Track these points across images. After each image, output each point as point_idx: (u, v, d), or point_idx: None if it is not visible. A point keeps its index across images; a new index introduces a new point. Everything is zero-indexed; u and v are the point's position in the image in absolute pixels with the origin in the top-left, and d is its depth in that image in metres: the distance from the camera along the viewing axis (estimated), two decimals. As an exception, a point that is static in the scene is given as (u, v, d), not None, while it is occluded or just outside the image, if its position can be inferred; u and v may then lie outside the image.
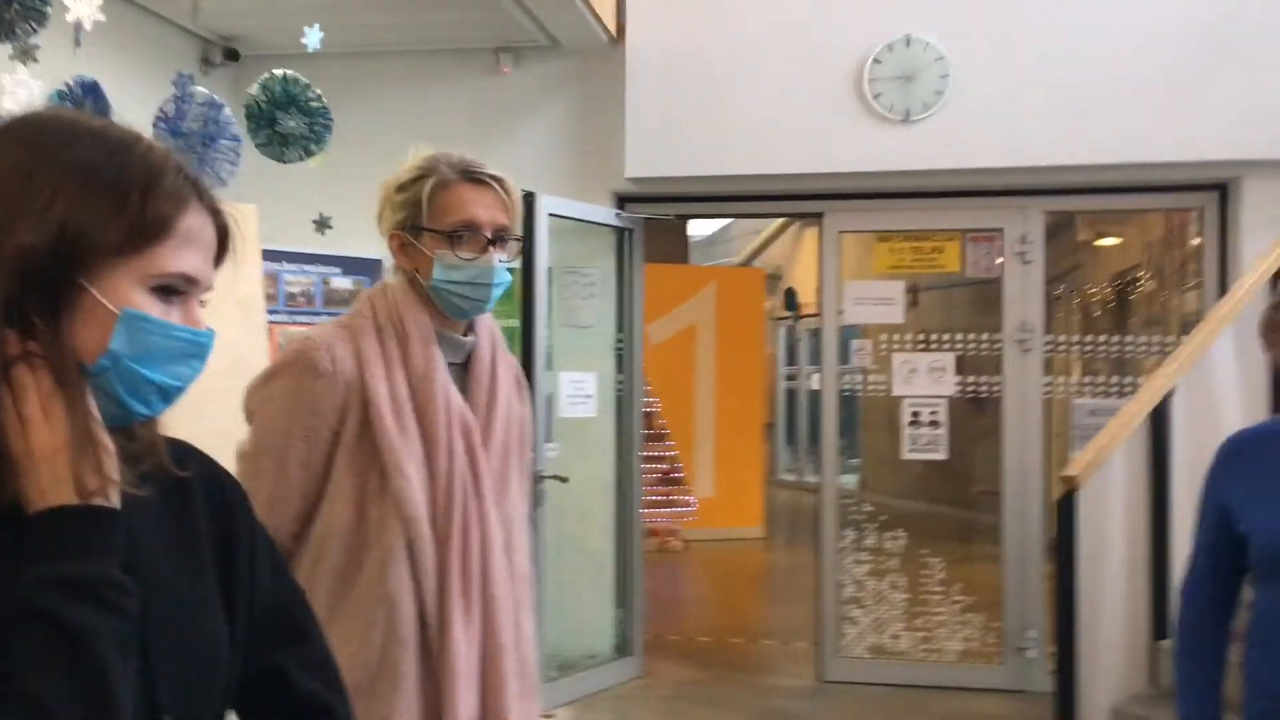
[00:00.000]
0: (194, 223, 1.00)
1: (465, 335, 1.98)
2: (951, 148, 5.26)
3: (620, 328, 5.78)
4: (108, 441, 0.95)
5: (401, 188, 1.93)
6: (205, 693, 1.03)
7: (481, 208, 1.91)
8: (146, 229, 0.96)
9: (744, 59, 5.45)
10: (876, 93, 5.32)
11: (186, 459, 1.09)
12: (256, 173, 4.26)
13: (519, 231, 1.99)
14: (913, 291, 6.38)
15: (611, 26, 5.50)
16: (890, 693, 5.48)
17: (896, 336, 5.76)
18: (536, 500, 4.97)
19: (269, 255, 5.00)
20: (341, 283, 5.43)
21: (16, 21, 3.64)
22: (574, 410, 5.44)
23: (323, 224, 4.27)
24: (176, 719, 0.98)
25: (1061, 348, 5.98)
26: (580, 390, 5.48)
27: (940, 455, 5.67)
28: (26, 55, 3.59)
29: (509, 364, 2.04)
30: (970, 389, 5.72)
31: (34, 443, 0.92)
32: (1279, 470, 2.11)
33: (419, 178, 1.91)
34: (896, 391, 5.70)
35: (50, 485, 0.92)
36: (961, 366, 5.67)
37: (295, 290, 5.31)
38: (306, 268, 5.32)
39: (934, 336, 5.72)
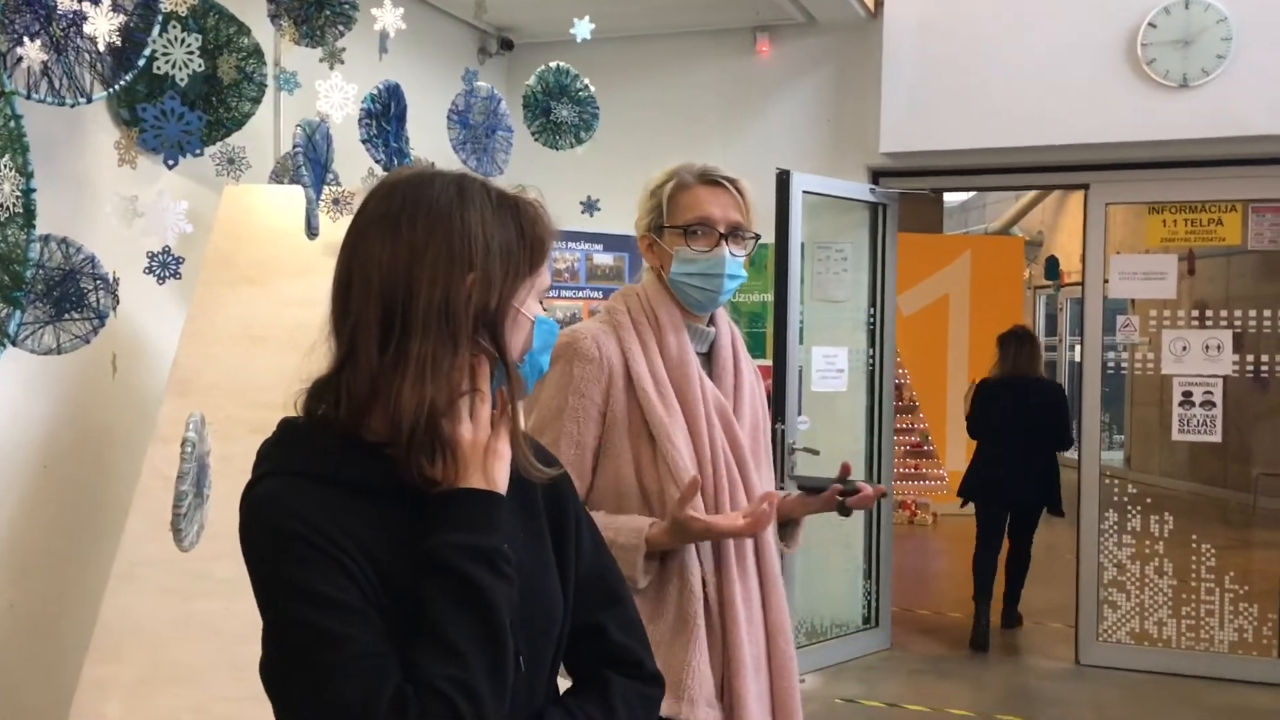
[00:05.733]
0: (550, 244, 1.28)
1: (707, 326, 2.15)
2: (1233, 115, 4.97)
3: (872, 302, 5.80)
4: (507, 448, 1.21)
5: (650, 193, 2.12)
6: (545, 641, 1.27)
7: (715, 206, 2.07)
8: (538, 253, 1.24)
9: (1005, 29, 5.32)
10: (1150, 58, 5.07)
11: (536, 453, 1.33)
12: (528, 158, 4.55)
13: (754, 229, 2.14)
14: (1187, 261, 6.07)
15: (869, 1, 5.49)
16: (1155, 680, 5.30)
17: (1168, 312, 5.50)
18: (789, 472, 5.09)
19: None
20: (603, 258, 5.68)
21: (326, 27, 4.06)
22: (825, 384, 5.51)
23: (590, 206, 4.50)
24: (526, 659, 1.21)
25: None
26: (831, 365, 5.54)
27: (1213, 437, 5.40)
28: (334, 58, 3.99)
29: (748, 357, 2.22)
30: (1250, 368, 5.41)
31: (473, 436, 1.19)
32: None
33: (663, 183, 2.10)
34: (1166, 370, 5.46)
35: (472, 472, 1.18)
36: (1240, 344, 5.37)
37: (560, 267, 5.60)
38: (571, 245, 5.60)
39: (1209, 312, 5.43)
